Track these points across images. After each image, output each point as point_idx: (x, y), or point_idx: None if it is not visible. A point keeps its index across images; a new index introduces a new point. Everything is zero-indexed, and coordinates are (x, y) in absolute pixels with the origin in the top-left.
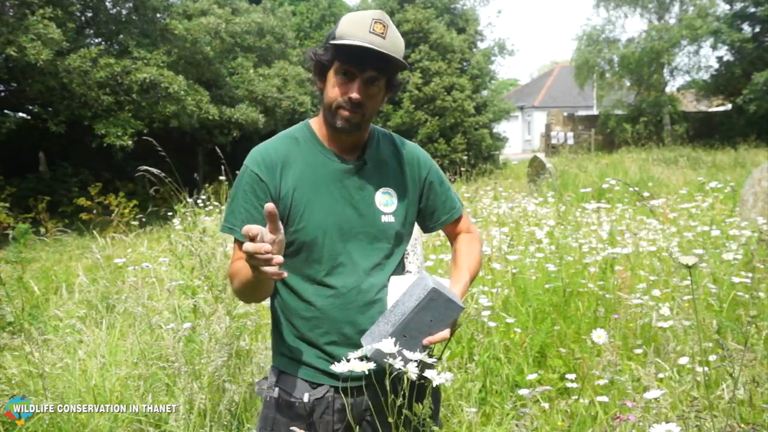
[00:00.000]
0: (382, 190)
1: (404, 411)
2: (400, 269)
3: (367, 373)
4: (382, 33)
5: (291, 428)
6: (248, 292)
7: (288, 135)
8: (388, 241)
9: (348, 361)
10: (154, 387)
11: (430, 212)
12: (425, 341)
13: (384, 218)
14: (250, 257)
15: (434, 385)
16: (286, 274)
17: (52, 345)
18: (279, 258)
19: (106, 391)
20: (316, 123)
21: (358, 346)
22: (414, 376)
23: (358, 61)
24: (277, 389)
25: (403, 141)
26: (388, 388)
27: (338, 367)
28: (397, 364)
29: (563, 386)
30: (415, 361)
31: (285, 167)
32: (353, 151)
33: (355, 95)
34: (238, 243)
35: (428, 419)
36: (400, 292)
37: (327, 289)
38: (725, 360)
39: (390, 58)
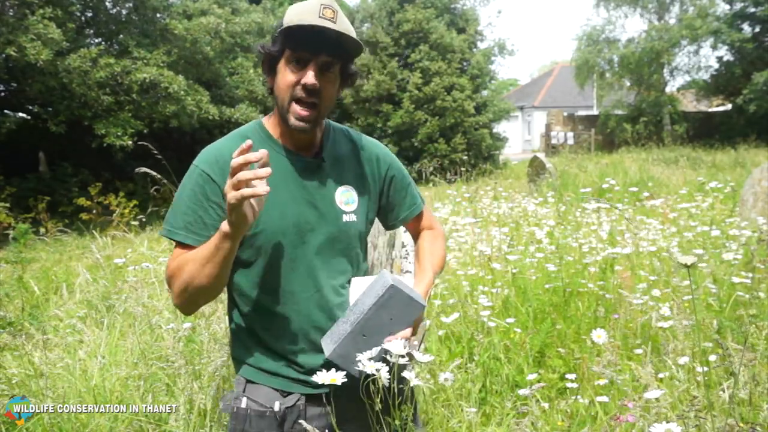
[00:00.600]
0: (342, 188)
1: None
2: (362, 270)
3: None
4: (332, 18)
5: None
6: (200, 278)
7: (240, 134)
8: (349, 241)
9: (326, 370)
10: (154, 387)
11: (391, 208)
12: (386, 341)
13: (345, 217)
14: (235, 171)
15: (411, 386)
16: (269, 189)
17: (52, 345)
18: (267, 170)
19: (106, 391)
20: (269, 122)
21: None
22: (386, 382)
23: (311, 45)
24: (245, 399)
25: (360, 137)
26: (361, 393)
27: (319, 378)
28: (367, 368)
29: (563, 386)
30: (387, 364)
31: None
32: (310, 149)
33: (310, 80)
34: (180, 246)
35: (410, 422)
36: (362, 292)
37: (286, 294)
38: (725, 359)
39: (344, 38)
